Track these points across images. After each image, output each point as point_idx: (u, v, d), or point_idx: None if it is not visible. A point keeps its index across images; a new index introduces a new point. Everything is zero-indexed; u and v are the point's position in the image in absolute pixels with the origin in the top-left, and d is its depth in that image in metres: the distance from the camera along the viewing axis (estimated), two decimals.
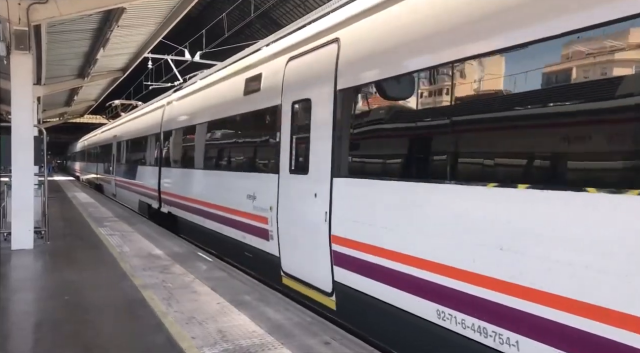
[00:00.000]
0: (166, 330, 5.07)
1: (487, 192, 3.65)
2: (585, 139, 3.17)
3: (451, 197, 3.96)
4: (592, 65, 3.10)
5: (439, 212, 4.09)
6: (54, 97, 25.70)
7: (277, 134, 6.93)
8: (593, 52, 3.06)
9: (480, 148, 3.87)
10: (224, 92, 9.52)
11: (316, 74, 6.11)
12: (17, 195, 9.56)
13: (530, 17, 3.43)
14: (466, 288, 3.78)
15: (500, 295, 3.51)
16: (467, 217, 3.81)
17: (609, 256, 2.89)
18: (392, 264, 4.60)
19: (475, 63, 3.93)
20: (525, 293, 3.33)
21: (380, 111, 5.19)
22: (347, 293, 5.39)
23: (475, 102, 3.98)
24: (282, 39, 7.89)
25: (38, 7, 9.74)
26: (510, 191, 3.48)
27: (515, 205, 3.46)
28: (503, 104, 3.73)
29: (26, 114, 9.70)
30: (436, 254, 4.07)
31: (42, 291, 6.83)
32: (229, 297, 6.28)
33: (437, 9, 4.39)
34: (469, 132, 4.00)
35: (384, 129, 5.10)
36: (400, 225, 4.56)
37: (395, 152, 4.90)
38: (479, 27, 3.84)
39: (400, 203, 4.58)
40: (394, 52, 4.84)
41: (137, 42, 16.67)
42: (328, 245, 5.65)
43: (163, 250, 9.51)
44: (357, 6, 5.78)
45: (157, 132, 14.48)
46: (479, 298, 3.67)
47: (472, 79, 3.99)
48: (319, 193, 5.83)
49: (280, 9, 34.27)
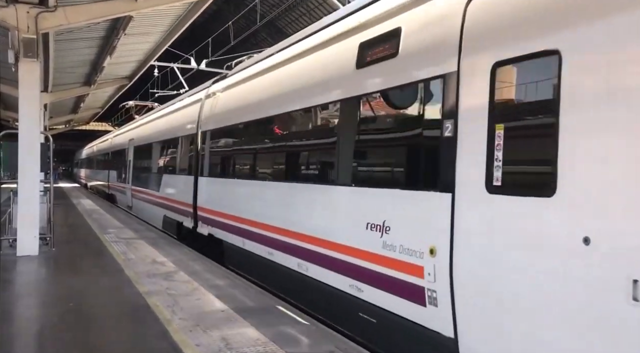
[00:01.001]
0: (170, 338, 5.06)
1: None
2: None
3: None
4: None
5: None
6: (61, 104, 25.86)
7: (446, 124, 4.19)
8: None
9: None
10: (310, 71, 6.84)
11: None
12: (23, 202, 9.60)
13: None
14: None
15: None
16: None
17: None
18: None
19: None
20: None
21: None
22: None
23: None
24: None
25: (47, 15, 9.84)
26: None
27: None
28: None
29: (33, 121, 9.78)
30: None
31: (47, 297, 6.85)
32: (234, 305, 6.28)
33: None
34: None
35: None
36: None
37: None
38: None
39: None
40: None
41: (143, 50, 16.78)
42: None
43: (167, 257, 9.52)
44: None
45: (191, 133, 11.67)
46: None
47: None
48: (596, 237, 3.02)
49: (286, 17, 34.47)
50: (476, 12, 4.08)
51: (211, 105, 10.66)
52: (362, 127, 5.63)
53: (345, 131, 5.77)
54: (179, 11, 12.72)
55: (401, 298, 4.59)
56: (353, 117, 5.64)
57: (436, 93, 4.43)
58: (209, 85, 11.73)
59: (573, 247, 3.11)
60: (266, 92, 8.11)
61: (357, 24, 5.93)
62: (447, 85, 4.21)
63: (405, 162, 4.90)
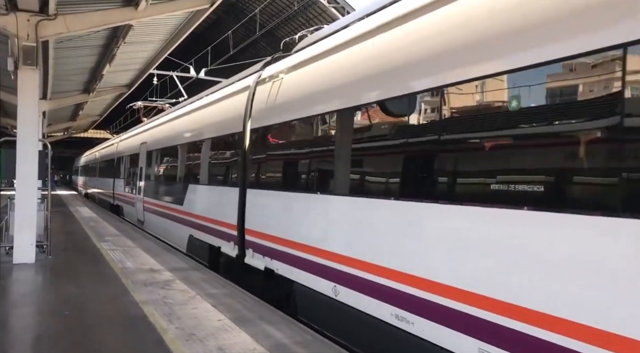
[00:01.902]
0: (166, 347, 5.03)
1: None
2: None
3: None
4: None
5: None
6: (59, 111, 25.88)
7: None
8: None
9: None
10: (431, 36, 4.73)
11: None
12: (20, 209, 9.58)
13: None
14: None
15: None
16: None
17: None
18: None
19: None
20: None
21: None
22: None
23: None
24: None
25: (47, 23, 9.89)
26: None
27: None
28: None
29: (32, 129, 9.78)
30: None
31: (43, 305, 6.81)
32: (230, 314, 6.25)
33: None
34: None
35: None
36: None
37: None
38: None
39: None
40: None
41: (143, 58, 16.83)
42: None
43: (164, 266, 9.48)
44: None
45: (234, 132, 9.09)
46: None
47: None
48: None
49: (285, 27, 34.63)
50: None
51: (268, 92, 8.00)
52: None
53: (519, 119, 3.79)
54: (179, 20, 12.79)
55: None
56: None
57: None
58: (259, 69, 9.13)
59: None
60: (359, 68, 5.71)
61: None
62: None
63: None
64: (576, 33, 3.39)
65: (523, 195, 3.62)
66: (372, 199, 5.25)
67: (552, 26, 3.56)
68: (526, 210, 3.58)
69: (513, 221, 3.69)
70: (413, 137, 4.82)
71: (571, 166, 3.42)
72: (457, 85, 4.32)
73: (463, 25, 4.36)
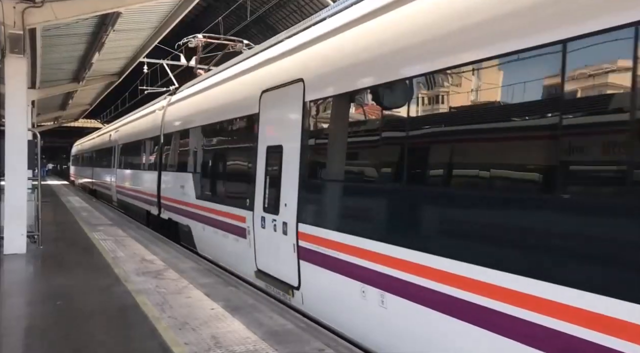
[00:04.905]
0: (159, 336, 5.03)
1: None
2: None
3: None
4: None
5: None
6: (49, 100, 25.62)
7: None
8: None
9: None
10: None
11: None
12: (10, 200, 9.50)
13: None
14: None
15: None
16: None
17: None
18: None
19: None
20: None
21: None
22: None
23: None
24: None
25: (33, 10, 9.72)
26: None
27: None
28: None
29: (20, 118, 9.67)
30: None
31: (34, 296, 6.79)
32: (223, 303, 6.25)
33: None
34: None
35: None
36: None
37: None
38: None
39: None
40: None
41: (132, 46, 16.66)
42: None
43: (157, 255, 9.46)
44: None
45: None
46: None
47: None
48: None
49: (277, 14, 34.36)
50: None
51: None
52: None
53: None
54: (169, 7, 12.64)
55: None
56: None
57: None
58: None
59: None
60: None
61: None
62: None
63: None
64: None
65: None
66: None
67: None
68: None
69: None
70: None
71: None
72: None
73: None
